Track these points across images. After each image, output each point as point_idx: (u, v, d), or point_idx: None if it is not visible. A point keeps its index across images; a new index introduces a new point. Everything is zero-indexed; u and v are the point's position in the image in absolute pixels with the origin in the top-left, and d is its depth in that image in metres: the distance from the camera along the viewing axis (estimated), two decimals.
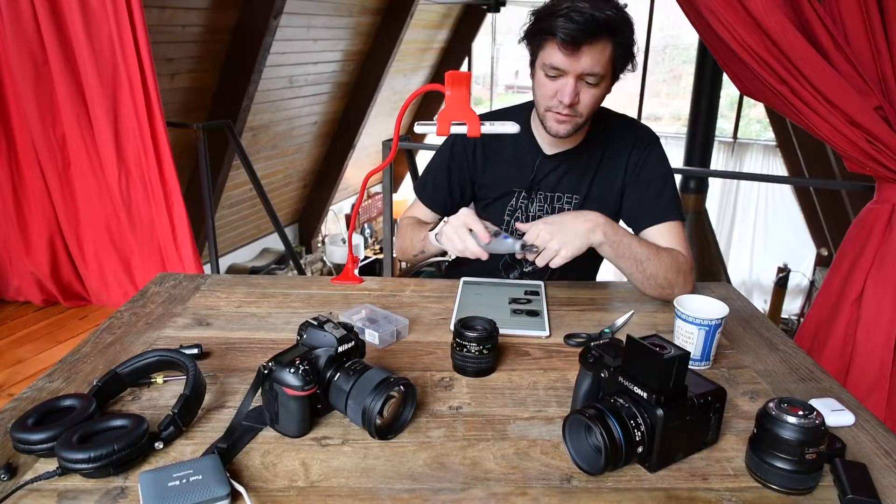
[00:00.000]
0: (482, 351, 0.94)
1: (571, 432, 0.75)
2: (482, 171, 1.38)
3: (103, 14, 2.05)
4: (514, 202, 1.37)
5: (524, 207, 1.37)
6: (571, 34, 1.09)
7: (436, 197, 1.42)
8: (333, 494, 0.69)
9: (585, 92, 1.18)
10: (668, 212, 1.29)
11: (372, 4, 5.33)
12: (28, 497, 0.67)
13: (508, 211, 1.38)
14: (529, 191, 1.36)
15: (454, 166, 1.39)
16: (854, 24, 1.68)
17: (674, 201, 1.31)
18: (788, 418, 0.69)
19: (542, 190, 1.36)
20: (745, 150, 7.17)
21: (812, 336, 2.02)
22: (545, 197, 1.36)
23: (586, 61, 1.13)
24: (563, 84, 1.16)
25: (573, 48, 1.11)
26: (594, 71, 1.14)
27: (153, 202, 2.28)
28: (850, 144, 1.78)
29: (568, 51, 1.11)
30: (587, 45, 1.11)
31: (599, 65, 1.14)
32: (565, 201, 1.36)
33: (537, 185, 1.35)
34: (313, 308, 1.19)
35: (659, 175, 1.32)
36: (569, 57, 1.12)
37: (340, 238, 6.72)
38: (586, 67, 1.13)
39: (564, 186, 1.35)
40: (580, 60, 1.13)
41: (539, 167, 1.34)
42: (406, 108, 1.14)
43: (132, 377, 0.86)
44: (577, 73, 1.14)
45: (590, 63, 1.13)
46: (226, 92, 4.19)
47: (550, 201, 1.36)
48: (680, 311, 0.99)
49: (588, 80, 1.16)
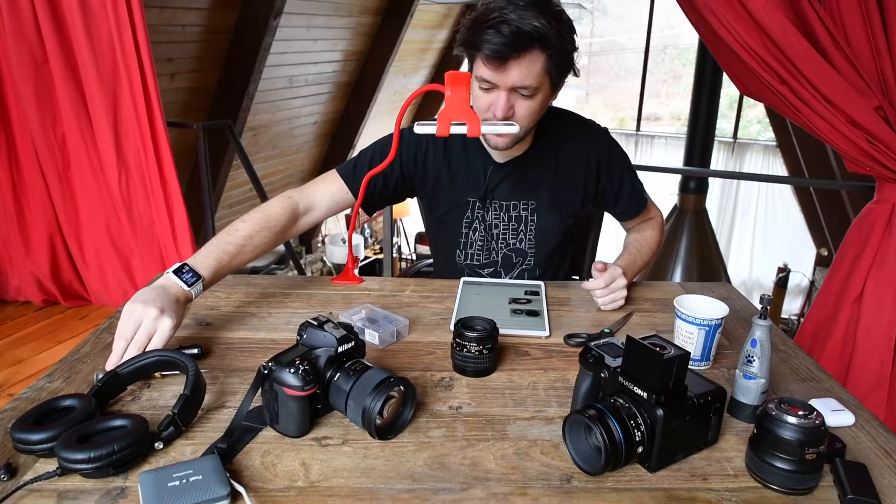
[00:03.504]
0: (482, 351, 0.94)
1: (571, 432, 0.75)
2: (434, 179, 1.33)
3: (103, 14, 2.05)
4: (469, 213, 1.35)
5: (481, 217, 1.35)
6: (496, 50, 1.05)
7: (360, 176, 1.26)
8: (333, 494, 0.69)
9: (520, 104, 1.13)
10: (641, 199, 1.43)
11: (372, 4, 5.33)
12: (28, 497, 0.67)
13: (466, 222, 1.36)
14: (483, 200, 1.33)
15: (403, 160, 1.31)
16: (854, 24, 1.68)
17: (640, 188, 1.42)
18: (788, 418, 0.69)
19: (497, 199, 1.33)
20: (745, 150, 7.18)
21: (812, 336, 2.02)
22: (500, 206, 1.34)
23: (516, 74, 1.08)
24: (496, 97, 1.12)
25: (499, 63, 1.07)
26: (525, 84, 1.09)
27: (153, 202, 2.28)
28: (850, 144, 1.78)
29: (494, 66, 1.07)
30: (514, 60, 1.06)
31: (530, 77, 1.09)
32: (521, 208, 1.34)
33: (491, 195, 1.33)
34: (313, 308, 1.19)
35: (625, 170, 1.39)
36: (496, 71, 1.08)
37: (340, 238, 6.72)
38: (517, 81, 1.09)
39: (519, 194, 1.33)
40: (509, 74, 1.08)
41: (491, 176, 1.31)
42: (406, 108, 1.14)
43: (132, 377, 0.86)
44: (508, 86, 1.10)
45: (520, 76, 1.08)
46: (226, 92, 4.19)
47: (506, 209, 1.34)
48: (680, 311, 0.99)
49: (522, 93, 1.11)
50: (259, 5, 3.87)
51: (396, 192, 1.35)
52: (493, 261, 1.39)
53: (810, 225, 6.10)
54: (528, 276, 1.40)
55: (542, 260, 1.39)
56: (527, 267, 1.40)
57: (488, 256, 1.39)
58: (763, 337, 0.84)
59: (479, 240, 1.37)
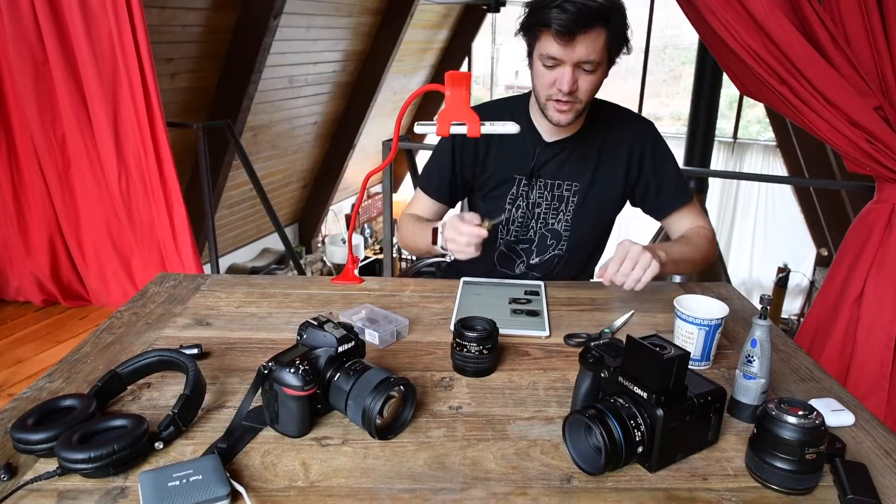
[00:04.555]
0: (482, 351, 0.94)
1: (571, 432, 0.75)
2: (483, 160, 1.39)
3: (103, 14, 2.05)
4: (514, 190, 1.38)
5: (525, 195, 1.38)
6: (566, 24, 1.11)
7: (441, 187, 1.43)
8: (333, 494, 0.69)
9: (583, 79, 1.20)
10: (683, 195, 1.40)
11: (372, 4, 5.33)
12: (28, 497, 0.67)
13: (510, 199, 1.39)
14: (530, 178, 1.36)
15: (457, 156, 1.40)
16: (854, 24, 1.68)
17: (684, 183, 1.41)
18: (788, 418, 0.69)
19: (543, 177, 1.36)
20: (745, 150, 7.18)
21: (812, 336, 2.02)
22: (545, 184, 1.37)
23: (582, 50, 1.15)
24: (561, 73, 1.18)
25: (568, 38, 1.13)
26: (590, 58, 1.16)
27: (153, 202, 2.28)
28: (850, 144, 1.78)
29: (563, 41, 1.14)
30: (581, 35, 1.13)
31: (595, 52, 1.16)
32: (565, 189, 1.36)
33: (538, 173, 1.36)
34: (313, 308, 1.19)
35: (668, 163, 1.39)
36: (564, 46, 1.15)
37: (340, 238, 6.72)
38: (582, 56, 1.15)
39: (565, 174, 1.36)
40: (576, 49, 1.15)
41: (539, 154, 1.35)
42: (406, 108, 1.14)
43: (132, 377, 0.86)
44: (574, 61, 1.16)
45: (585, 51, 1.15)
46: (226, 92, 4.19)
47: (551, 188, 1.37)
48: (680, 311, 0.99)
49: (585, 68, 1.18)
50: (259, 5, 3.87)
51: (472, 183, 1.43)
52: (530, 238, 1.41)
53: (810, 225, 6.11)
54: (559, 262, 1.41)
55: (575, 246, 1.40)
56: (559, 252, 1.41)
57: (525, 233, 1.40)
58: (763, 337, 0.84)
59: (520, 217, 1.39)
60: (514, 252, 1.42)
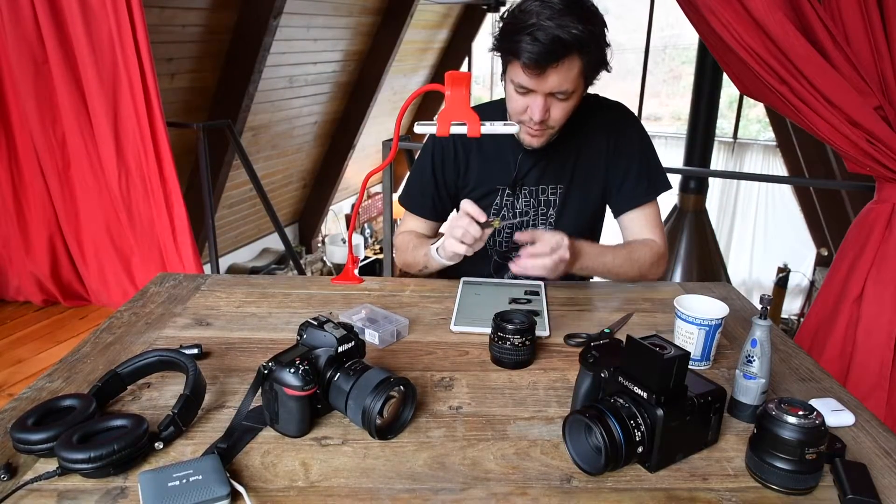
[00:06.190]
0: (524, 342, 0.96)
1: (571, 432, 0.75)
2: (464, 171, 1.36)
3: (103, 14, 2.05)
4: (499, 200, 1.36)
5: (510, 204, 1.36)
6: (535, 58, 1.05)
7: (425, 203, 1.40)
8: (333, 494, 0.69)
9: (556, 106, 1.15)
10: (644, 193, 1.33)
11: (372, 4, 5.33)
12: (28, 497, 0.67)
13: (494, 209, 1.37)
14: (514, 187, 1.34)
15: (437, 171, 1.37)
16: (854, 24, 1.68)
17: (649, 178, 1.33)
18: (788, 418, 0.69)
19: (527, 185, 1.34)
20: (745, 150, 7.17)
21: (812, 336, 2.02)
22: (530, 191, 1.35)
23: (554, 81, 1.10)
24: (532, 101, 1.14)
25: (538, 71, 1.08)
26: (562, 89, 1.11)
27: (153, 202, 2.28)
28: (850, 144, 1.78)
29: (533, 74, 1.09)
30: (552, 68, 1.08)
31: (568, 82, 1.11)
32: (550, 192, 1.35)
33: (521, 181, 1.34)
34: (313, 308, 1.19)
35: (635, 154, 1.33)
36: (534, 78, 1.10)
37: (340, 238, 6.72)
38: (554, 86, 1.11)
39: (548, 178, 1.34)
40: (548, 81, 1.10)
41: (521, 163, 1.32)
42: (406, 108, 1.14)
43: (132, 377, 0.86)
44: (545, 92, 1.12)
45: (557, 82, 1.10)
46: (226, 92, 4.19)
47: (535, 195, 1.35)
48: (680, 311, 0.99)
49: (558, 97, 1.14)
50: (259, 5, 3.86)
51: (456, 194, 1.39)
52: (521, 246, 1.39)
53: (810, 225, 6.10)
54: None
55: None
56: None
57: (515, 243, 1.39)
58: (763, 337, 0.84)
59: (507, 227, 1.37)
60: (507, 260, 1.40)
